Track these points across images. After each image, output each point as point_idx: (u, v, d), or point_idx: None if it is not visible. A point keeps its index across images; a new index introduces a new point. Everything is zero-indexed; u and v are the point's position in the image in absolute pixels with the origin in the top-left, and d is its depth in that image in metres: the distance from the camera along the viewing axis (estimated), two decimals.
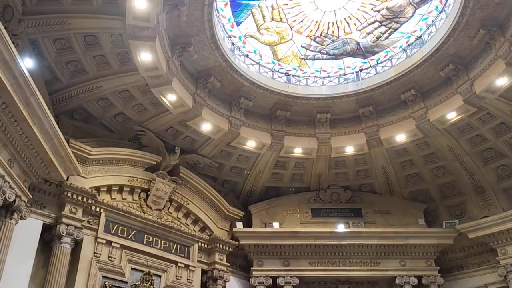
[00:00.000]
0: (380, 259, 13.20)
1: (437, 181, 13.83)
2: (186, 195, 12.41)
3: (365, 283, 13.41)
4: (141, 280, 10.58)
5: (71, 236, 9.51)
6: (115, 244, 10.40)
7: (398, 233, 13.18)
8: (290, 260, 13.20)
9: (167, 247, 11.50)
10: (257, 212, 13.95)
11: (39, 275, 9.08)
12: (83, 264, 9.68)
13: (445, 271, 13.25)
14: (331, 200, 14.30)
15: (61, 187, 9.63)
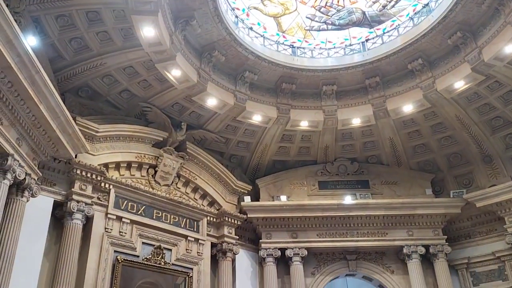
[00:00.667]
0: (388, 229, 13.32)
1: (445, 151, 13.78)
2: (194, 171, 12.48)
3: (372, 253, 13.56)
4: (152, 254, 10.77)
5: (82, 213, 9.65)
6: (125, 220, 10.55)
7: (406, 203, 13.24)
8: (298, 232, 13.35)
9: (176, 221, 11.65)
10: (265, 186, 14.03)
11: (52, 251, 9.27)
12: (95, 240, 9.85)
13: (452, 240, 13.39)
14: (338, 173, 14.34)
15: (70, 165, 9.71)
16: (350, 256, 13.51)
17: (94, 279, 9.48)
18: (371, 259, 13.54)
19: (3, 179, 7.59)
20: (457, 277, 13.15)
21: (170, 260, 11.06)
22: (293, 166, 14.47)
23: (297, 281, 12.74)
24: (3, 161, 7.59)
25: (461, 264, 13.19)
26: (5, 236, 7.72)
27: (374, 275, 13.41)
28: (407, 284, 12.97)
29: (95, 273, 9.54)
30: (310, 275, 13.28)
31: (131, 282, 10.16)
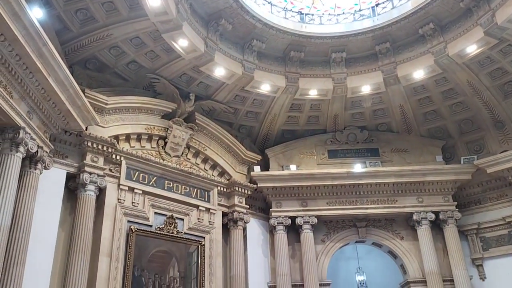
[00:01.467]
0: (398, 196, 13.37)
1: (456, 117, 13.64)
2: (203, 141, 12.52)
3: (382, 220, 13.67)
4: (165, 224, 10.96)
5: (95, 184, 9.79)
6: (137, 191, 10.69)
7: (416, 170, 13.23)
8: (308, 200, 13.45)
9: (187, 192, 11.78)
10: (274, 156, 14.07)
11: (67, 222, 9.47)
12: (108, 210, 10.03)
13: (462, 206, 13.43)
14: (348, 141, 14.30)
15: (81, 137, 9.79)
16: (360, 223, 13.64)
17: (109, 248, 9.70)
18: (380, 226, 13.67)
19: (16, 152, 7.69)
20: (467, 242, 13.25)
21: (182, 229, 11.25)
22: (302, 135, 14.44)
23: (307, 248, 12.92)
24: (15, 135, 7.67)
25: (470, 230, 13.26)
26: (21, 207, 7.89)
27: (384, 241, 13.57)
28: (417, 250, 13.11)
29: (110, 243, 9.76)
30: (320, 242, 13.47)
31: (145, 250, 10.38)
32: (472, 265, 12.98)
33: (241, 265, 12.16)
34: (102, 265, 9.47)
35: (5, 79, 7.40)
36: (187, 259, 11.13)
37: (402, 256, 13.28)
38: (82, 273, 8.92)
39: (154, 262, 10.50)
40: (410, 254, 13.21)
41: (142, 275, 10.13)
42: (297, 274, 12.97)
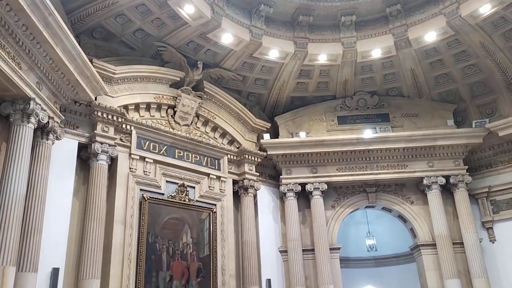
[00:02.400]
0: (408, 161, 13.35)
1: (468, 80, 13.41)
2: (212, 110, 12.51)
3: (392, 185, 13.71)
4: (177, 192, 11.11)
5: (106, 154, 9.88)
6: (148, 160, 10.78)
7: (426, 135, 13.15)
8: (318, 167, 13.50)
9: (198, 160, 11.87)
10: (283, 123, 14.03)
11: (81, 191, 9.63)
12: (120, 179, 10.16)
13: (473, 170, 13.40)
14: (358, 107, 14.18)
15: (90, 107, 9.81)
16: (370, 189, 13.70)
17: (123, 216, 9.89)
18: (390, 191, 13.72)
19: (27, 123, 7.75)
20: (477, 205, 13.29)
21: (194, 197, 11.40)
22: (311, 102, 14.33)
23: (317, 214, 13.06)
24: (25, 106, 7.70)
25: (481, 193, 13.27)
26: (35, 176, 8.02)
27: (394, 206, 13.66)
28: (427, 214, 13.20)
29: (123, 211, 9.94)
30: (330, 208, 13.59)
31: (158, 218, 10.57)
32: (482, 228, 13.07)
33: (252, 231, 12.36)
34: (117, 232, 9.68)
35: (13, 50, 7.38)
36: (199, 226, 11.33)
37: (412, 220, 13.40)
38: (97, 240, 9.13)
39: (167, 229, 10.70)
40: (420, 218, 13.32)
41: (156, 242, 10.35)
42: (307, 239, 13.17)
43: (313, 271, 12.71)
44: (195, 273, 10.80)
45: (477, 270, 12.14)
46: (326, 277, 12.29)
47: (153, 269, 10.07)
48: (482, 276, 12.07)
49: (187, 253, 10.86)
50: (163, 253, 10.40)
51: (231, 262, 11.60)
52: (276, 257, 12.93)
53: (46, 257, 8.09)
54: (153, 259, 10.13)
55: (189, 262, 10.81)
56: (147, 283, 9.81)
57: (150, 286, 9.87)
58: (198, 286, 10.73)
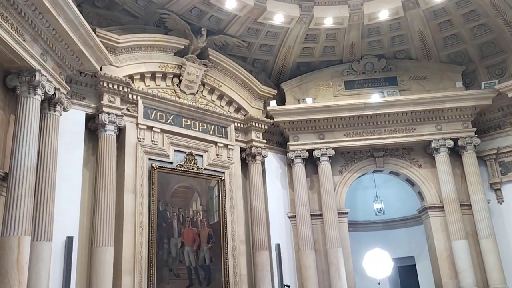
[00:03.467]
0: (416, 125, 13.28)
1: (477, 40, 13.11)
2: (218, 78, 12.41)
3: (400, 149, 13.70)
4: (185, 160, 11.20)
5: (114, 124, 9.91)
6: (156, 129, 10.82)
7: (435, 98, 13.00)
8: (325, 133, 13.47)
9: (205, 129, 11.88)
10: (290, 89, 13.91)
11: (91, 161, 9.74)
12: (129, 149, 10.23)
13: (481, 132, 13.32)
14: (365, 71, 13.98)
15: (96, 78, 9.78)
16: (378, 153, 13.70)
17: (133, 185, 10.02)
18: (398, 155, 13.72)
19: (34, 94, 7.75)
20: (485, 167, 13.27)
21: (202, 165, 11.49)
22: (318, 67, 14.14)
23: (325, 179, 13.12)
24: (31, 77, 7.68)
25: (489, 155, 13.22)
26: (45, 148, 8.09)
27: (401, 169, 13.68)
28: (434, 177, 13.23)
29: (133, 180, 10.06)
30: (338, 173, 13.66)
31: (168, 186, 10.70)
32: (490, 189, 13.10)
33: (260, 197, 12.49)
34: (128, 201, 9.83)
35: (16, 21, 7.30)
36: (208, 193, 11.47)
37: (420, 184, 13.45)
38: (109, 209, 9.29)
39: (177, 197, 10.85)
40: (428, 181, 13.36)
41: (167, 209, 10.52)
42: (315, 204, 13.30)
43: (321, 235, 12.91)
44: (206, 239, 11.02)
45: (484, 231, 12.25)
46: (335, 241, 12.49)
47: (165, 236, 10.28)
48: (489, 236, 12.20)
49: (197, 220, 11.04)
50: (174, 221, 10.59)
51: (240, 228, 11.79)
52: (284, 223, 13.12)
53: (60, 226, 8.26)
54: (164, 227, 10.33)
55: (199, 228, 11.00)
56: (159, 249, 10.04)
57: (163, 252, 10.11)
58: (209, 251, 10.96)
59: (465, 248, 12.20)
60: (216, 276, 10.89)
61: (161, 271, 9.94)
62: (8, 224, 6.91)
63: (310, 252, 12.53)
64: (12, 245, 6.83)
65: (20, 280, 6.75)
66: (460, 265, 12.12)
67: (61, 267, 8.31)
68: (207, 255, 10.90)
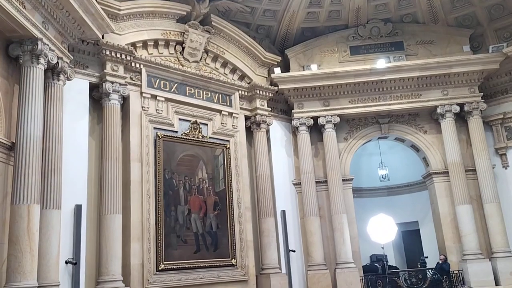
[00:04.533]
0: (422, 90, 13.16)
1: (486, 2, 12.81)
2: (221, 45, 12.25)
3: (405, 115, 13.64)
4: (190, 129, 11.20)
5: (118, 93, 9.86)
6: (160, 98, 10.78)
7: (441, 62, 12.81)
8: (330, 100, 13.39)
9: (209, 97, 11.82)
10: (294, 56, 13.74)
11: (96, 131, 9.77)
12: (134, 118, 10.24)
13: (488, 96, 13.23)
14: (371, 36, 13.74)
15: (98, 46, 9.66)
16: (383, 120, 13.65)
17: (139, 153, 10.07)
18: (403, 121, 13.67)
19: (37, 64, 7.71)
20: (491, 132, 13.24)
21: (207, 134, 11.50)
22: (323, 32, 13.90)
23: (330, 146, 13.14)
24: (33, 46, 7.62)
25: (495, 120, 13.16)
26: (50, 118, 8.10)
27: (407, 136, 13.66)
28: (440, 143, 13.22)
29: (139, 149, 10.10)
30: (343, 140, 13.66)
31: (173, 155, 10.75)
32: (496, 154, 13.11)
33: (266, 165, 12.55)
34: (134, 170, 9.91)
35: None
36: (213, 162, 11.52)
37: (425, 149, 13.45)
38: (116, 177, 9.37)
39: (183, 166, 10.91)
40: (433, 147, 13.36)
41: (173, 178, 10.61)
42: (320, 171, 13.37)
43: (326, 201, 13.03)
44: (212, 207, 11.15)
45: (488, 196, 12.33)
46: (339, 207, 12.62)
47: (172, 203, 10.41)
48: (493, 201, 12.28)
49: (203, 188, 11.14)
50: (180, 189, 10.69)
51: (246, 195, 11.91)
52: (290, 190, 13.23)
53: (68, 195, 8.38)
54: (171, 194, 10.45)
55: (205, 196, 11.12)
56: (166, 216, 10.19)
57: (170, 219, 10.26)
58: (215, 218, 11.12)
59: (469, 213, 12.31)
60: (222, 242, 11.08)
61: (169, 237, 10.12)
62: (18, 193, 7.02)
63: (315, 218, 12.69)
64: (22, 213, 6.97)
65: (31, 247, 6.91)
66: (464, 229, 12.26)
67: (71, 234, 8.48)
68: (213, 222, 11.07)
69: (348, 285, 11.99)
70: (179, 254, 10.20)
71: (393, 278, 12.45)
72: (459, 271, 12.22)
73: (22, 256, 6.79)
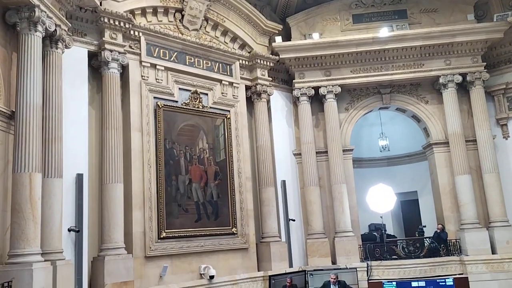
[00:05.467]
0: (424, 60, 13.01)
1: None
2: (221, 12, 12.02)
3: (407, 85, 13.54)
4: (190, 99, 11.13)
5: (117, 62, 9.74)
6: (159, 67, 10.66)
7: (445, 31, 12.60)
8: (332, 69, 13.26)
9: (209, 66, 11.70)
10: (296, 24, 13.51)
11: (96, 100, 9.71)
12: (133, 87, 10.16)
13: (491, 66, 13.09)
14: (374, 3, 13.47)
15: (96, 13, 9.46)
16: (384, 90, 13.56)
17: (139, 123, 10.05)
18: (405, 91, 13.58)
19: (34, 31, 7.59)
20: (493, 103, 13.18)
21: (207, 104, 11.45)
22: (325, 0, 13.62)
23: (331, 117, 13.11)
24: (30, 13, 7.48)
25: (498, 90, 13.08)
26: (49, 86, 8.03)
27: (408, 106, 13.61)
28: (441, 113, 13.18)
29: (139, 118, 10.07)
30: (344, 111, 13.62)
31: (174, 125, 10.73)
32: (497, 125, 13.09)
33: (266, 135, 12.56)
34: (135, 139, 9.91)
35: None
36: (214, 132, 11.51)
37: (426, 120, 13.42)
38: (117, 147, 9.37)
39: (183, 136, 10.91)
40: (434, 117, 13.33)
41: (174, 147, 10.62)
42: (320, 142, 13.39)
43: (326, 172, 13.10)
44: (213, 176, 11.22)
45: (488, 166, 12.38)
46: (339, 177, 12.70)
47: (173, 173, 10.46)
48: (493, 171, 12.34)
49: (204, 158, 11.18)
50: (181, 158, 10.72)
51: (246, 165, 11.96)
52: (290, 160, 13.28)
53: (70, 164, 8.40)
54: (171, 164, 10.48)
55: (206, 166, 11.16)
56: (167, 185, 10.26)
57: (171, 188, 10.33)
58: (216, 188, 11.20)
59: (468, 183, 12.39)
60: (223, 211, 11.20)
61: (170, 206, 10.22)
62: (19, 161, 7.04)
63: (315, 188, 12.79)
64: (24, 182, 7.01)
65: (34, 215, 6.99)
66: (462, 199, 12.38)
67: (73, 202, 8.56)
68: (214, 191, 11.15)
69: (347, 253, 12.21)
70: (180, 223, 10.33)
71: (391, 246, 12.64)
72: (456, 240, 12.39)
73: (25, 224, 6.87)
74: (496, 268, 11.67)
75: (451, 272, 11.92)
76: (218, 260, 10.77)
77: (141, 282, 9.33)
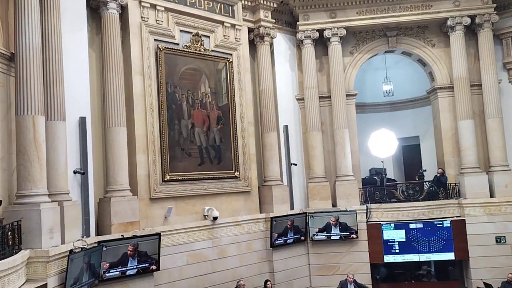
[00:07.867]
0: (432, 1, 12.70)
1: None
2: None
3: (414, 28, 13.21)
4: (191, 41, 10.92)
5: (116, 1, 9.41)
6: (159, 7, 10.36)
7: None
8: (337, 11, 12.91)
9: (211, 7, 11.38)
10: None
11: (95, 42, 9.51)
12: (133, 29, 9.92)
13: (501, 8, 12.71)
14: None
15: None
16: (391, 33, 13.25)
17: (140, 66, 9.92)
18: (412, 34, 13.28)
19: None
20: (501, 46, 12.91)
21: (209, 47, 11.24)
22: None
23: (335, 60, 12.92)
24: None
25: (506, 33, 12.78)
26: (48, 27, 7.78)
27: (414, 49, 13.36)
28: (447, 57, 12.96)
29: (140, 61, 9.93)
30: (348, 54, 13.39)
31: (175, 68, 10.59)
32: (503, 69, 12.90)
33: (269, 79, 12.45)
34: (136, 83, 9.82)
35: None
36: (216, 76, 11.39)
37: (432, 64, 13.21)
38: (118, 90, 9.30)
39: (185, 79, 10.81)
40: (440, 61, 13.11)
41: (176, 92, 10.55)
42: (324, 86, 13.28)
43: (328, 116, 13.09)
44: (215, 121, 11.23)
45: (492, 111, 12.32)
46: (342, 122, 12.71)
47: (175, 117, 10.47)
48: (496, 116, 12.30)
49: (206, 102, 11.13)
50: (183, 103, 10.69)
51: (249, 110, 11.94)
52: (293, 105, 13.24)
53: (72, 107, 8.34)
54: (174, 108, 10.46)
55: (208, 110, 11.15)
56: (170, 130, 10.30)
57: (174, 132, 10.39)
58: (219, 132, 11.24)
59: (471, 128, 12.39)
60: (226, 155, 11.32)
61: (174, 150, 10.32)
62: (21, 103, 7.02)
63: (317, 133, 12.83)
64: (27, 124, 7.02)
65: (39, 157, 7.06)
66: (464, 143, 12.42)
67: (77, 145, 8.60)
68: (217, 136, 11.21)
69: (347, 196, 12.46)
70: (183, 166, 10.47)
71: (391, 190, 12.87)
72: (456, 183, 12.58)
73: (31, 166, 6.96)
74: (494, 211, 11.92)
75: (449, 214, 12.22)
76: (221, 203, 11.03)
77: (147, 222, 9.61)
